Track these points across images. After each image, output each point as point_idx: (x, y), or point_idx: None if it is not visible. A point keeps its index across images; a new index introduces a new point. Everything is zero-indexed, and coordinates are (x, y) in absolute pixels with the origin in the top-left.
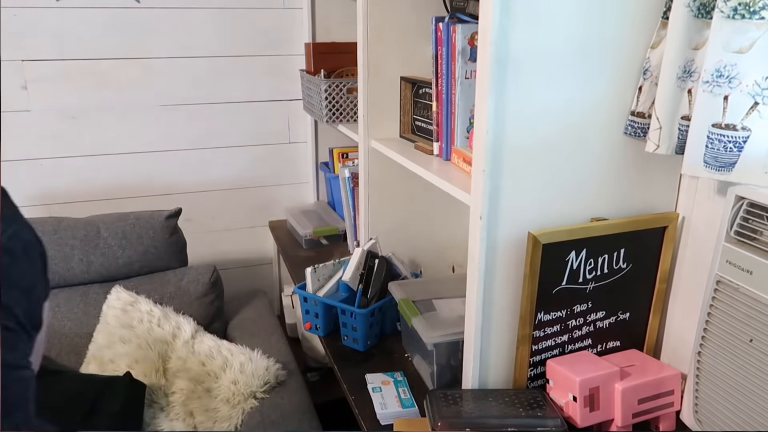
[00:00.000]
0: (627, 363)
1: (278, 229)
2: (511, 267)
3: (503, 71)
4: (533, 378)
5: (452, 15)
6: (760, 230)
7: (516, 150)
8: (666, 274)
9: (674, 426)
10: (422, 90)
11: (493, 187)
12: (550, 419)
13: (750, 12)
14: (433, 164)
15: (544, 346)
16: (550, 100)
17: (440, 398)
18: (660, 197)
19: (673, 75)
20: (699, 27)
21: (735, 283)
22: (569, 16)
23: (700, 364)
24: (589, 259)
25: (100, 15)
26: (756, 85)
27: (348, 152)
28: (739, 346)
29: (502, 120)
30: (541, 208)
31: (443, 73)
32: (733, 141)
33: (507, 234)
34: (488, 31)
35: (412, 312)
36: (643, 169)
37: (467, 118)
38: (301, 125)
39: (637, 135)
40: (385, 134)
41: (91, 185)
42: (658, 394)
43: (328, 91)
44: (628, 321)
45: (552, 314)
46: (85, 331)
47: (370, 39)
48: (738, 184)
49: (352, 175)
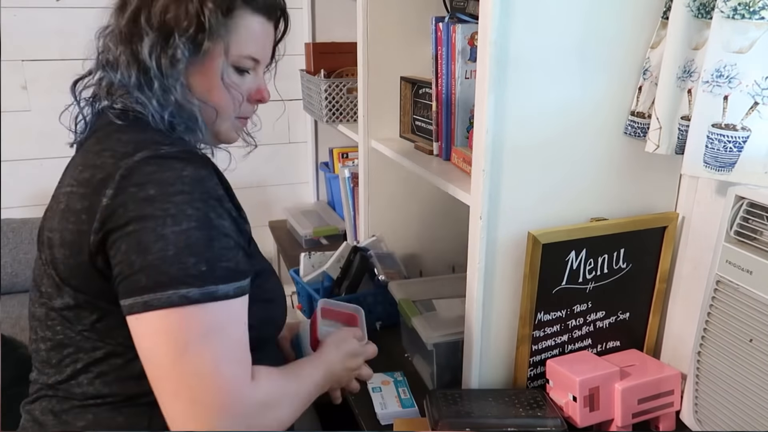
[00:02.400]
0: (627, 363)
1: (278, 229)
2: (511, 267)
3: (503, 71)
4: (533, 378)
5: (452, 15)
6: (760, 230)
7: (516, 150)
8: (666, 274)
9: (674, 426)
10: (422, 90)
11: (493, 187)
12: (550, 419)
13: (750, 12)
14: (433, 164)
15: (544, 346)
16: (550, 100)
17: (440, 398)
18: (660, 197)
19: (673, 75)
20: (699, 27)
21: (735, 283)
22: (569, 16)
23: (700, 364)
24: (589, 259)
25: (100, 15)
26: (756, 85)
27: (348, 152)
28: (739, 346)
29: (502, 120)
30: (540, 208)
31: (443, 73)
32: (733, 141)
33: (507, 234)
34: (488, 31)
35: (412, 312)
36: (643, 169)
37: (467, 118)
38: (301, 125)
39: (637, 135)
40: (385, 134)
41: None
42: (658, 394)
43: (328, 91)
44: (628, 321)
45: (552, 314)
46: None
47: (370, 39)
48: (738, 184)
49: (352, 175)
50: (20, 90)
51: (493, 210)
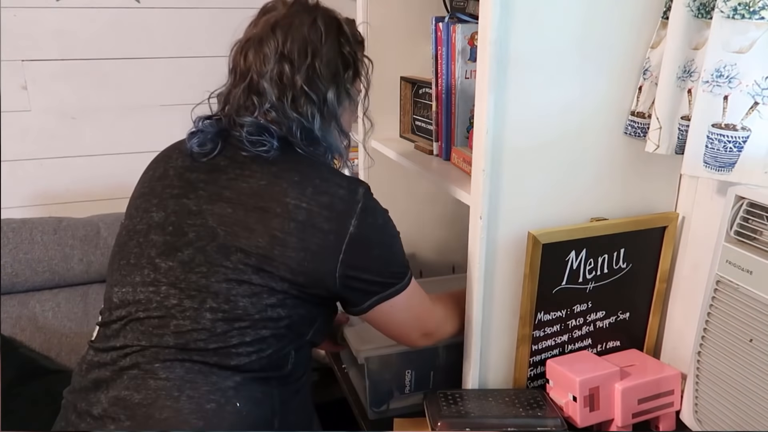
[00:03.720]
0: (627, 363)
1: None
2: (511, 267)
3: (503, 71)
4: (533, 378)
5: (452, 15)
6: (760, 230)
7: (516, 150)
8: (666, 274)
9: (674, 426)
10: (422, 90)
11: (493, 187)
12: (550, 419)
13: (750, 12)
14: (433, 164)
15: (544, 346)
16: (550, 100)
17: (440, 398)
18: (660, 197)
19: (673, 75)
20: (699, 27)
21: (735, 283)
22: (569, 16)
23: (700, 364)
24: (589, 259)
25: (100, 15)
26: (756, 85)
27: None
28: (739, 346)
29: (502, 120)
30: (541, 208)
31: (443, 73)
32: (732, 141)
33: (507, 234)
34: (488, 31)
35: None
36: (643, 169)
37: (467, 118)
38: None
39: (637, 135)
40: (385, 134)
41: (91, 185)
42: (658, 394)
43: None
44: (628, 321)
45: (552, 314)
46: (85, 331)
47: (370, 39)
48: (738, 184)
49: None
50: (20, 90)
51: (493, 210)
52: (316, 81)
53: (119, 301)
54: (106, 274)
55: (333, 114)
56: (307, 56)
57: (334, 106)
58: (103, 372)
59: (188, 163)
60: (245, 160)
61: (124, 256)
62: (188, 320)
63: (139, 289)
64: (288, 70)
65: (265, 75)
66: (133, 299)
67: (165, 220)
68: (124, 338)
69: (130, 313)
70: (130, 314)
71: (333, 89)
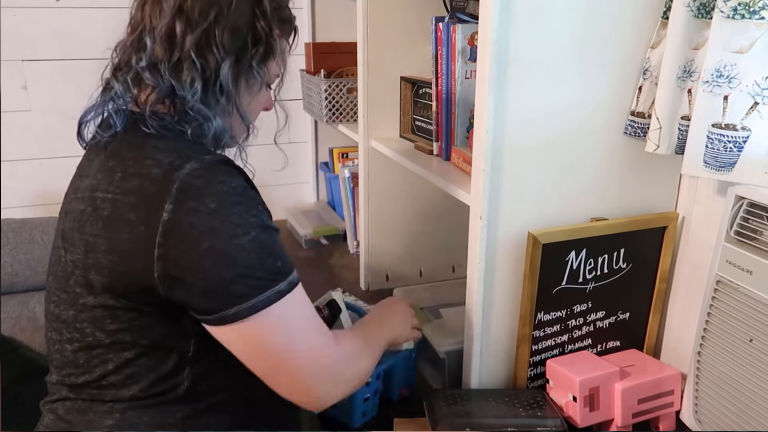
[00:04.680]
0: (627, 363)
1: None
2: (511, 267)
3: (503, 71)
4: (533, 378)
5: (452, 15)
6: (760, 230)
7: (516, 150)
8: (666, 274)
9: (674, 426)
10: (422, 90)
11: (493, 187)
12: (550, 419)
13: (750, 12)
14: (433, 164)
15: (544, 346)
16: (550, 100)
17: (440, 398)
18: (660, 197)
19: (673, 75)
20: (699, 27)
21: (735, 283)
22: (569, 16)
23: (700, 364)
24: (589, 259)
25: (100, 15)
26: (756, 85)
27: (348, 152)
28: (739, 346)
29: (502, 120)
30: (541, 208)
31: (443, 73)
32: (733, 141)
33: (507, 234)
34: (488, 31)
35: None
36: (643, 169)
37: (467, 118)
38: (301, 125)
39: (637, 135)
40: (385, 134)
41: None
42: (658, 394)
43: (328, 91)
44: (628, 321)
45: (552, 314)
46: None
47: (370, 39)
48: (738, 184)
49: (352, 175)
50: (20, 90)
51: (493, 210)
52: (211, 47)
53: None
54: None
55: (225, 89)
56: (208, 18)
57: (226, 81)
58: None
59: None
60: (97, 149)
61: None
62: (58, 354)
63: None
64: (180, 28)
65: (153, 31)
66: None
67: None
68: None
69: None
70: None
71: (230, 62)
